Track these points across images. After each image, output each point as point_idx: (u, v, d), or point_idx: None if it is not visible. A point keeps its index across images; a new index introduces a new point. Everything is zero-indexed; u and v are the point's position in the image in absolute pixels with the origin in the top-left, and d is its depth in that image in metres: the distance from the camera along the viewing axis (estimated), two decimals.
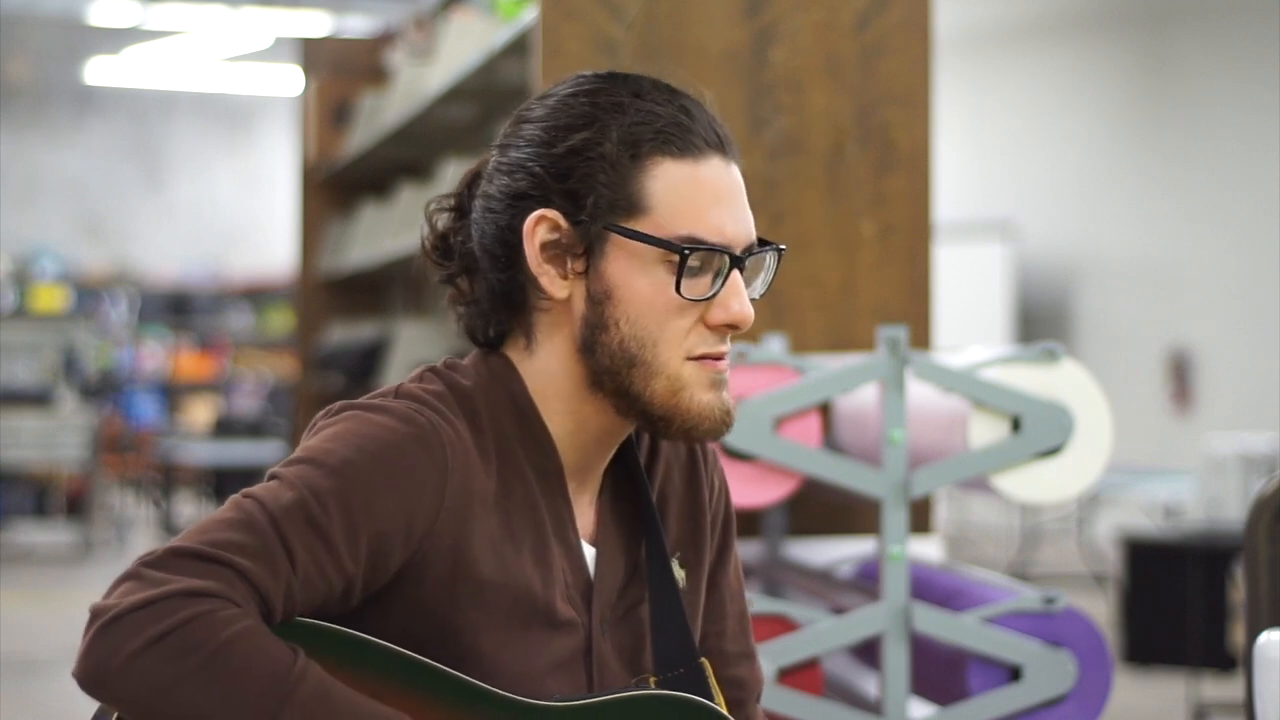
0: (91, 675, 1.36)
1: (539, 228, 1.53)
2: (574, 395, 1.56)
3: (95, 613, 1.38)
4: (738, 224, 1.54)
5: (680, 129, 1.53)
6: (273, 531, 1.41)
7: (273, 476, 1.47)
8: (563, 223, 1.53)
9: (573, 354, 1.55)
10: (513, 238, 1.55)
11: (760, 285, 1.58)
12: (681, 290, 1.51)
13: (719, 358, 1.55)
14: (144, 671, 1.35)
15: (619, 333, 1.52)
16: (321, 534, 1.43)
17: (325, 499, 1.44)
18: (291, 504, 1.43)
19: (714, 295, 1.52)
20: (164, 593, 1.36)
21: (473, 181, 1.63)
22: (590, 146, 1.52)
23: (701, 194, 1.52)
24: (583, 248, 1.53)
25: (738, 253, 1.53)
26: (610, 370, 1.53)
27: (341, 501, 1.44)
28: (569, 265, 1.54)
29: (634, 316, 1.52)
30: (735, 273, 1.53)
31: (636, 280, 1.52)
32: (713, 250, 1.52)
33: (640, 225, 1.52)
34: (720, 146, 1.55)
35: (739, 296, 1.53)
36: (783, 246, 1.60)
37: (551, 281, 1.54)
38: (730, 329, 1.54)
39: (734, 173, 1.56)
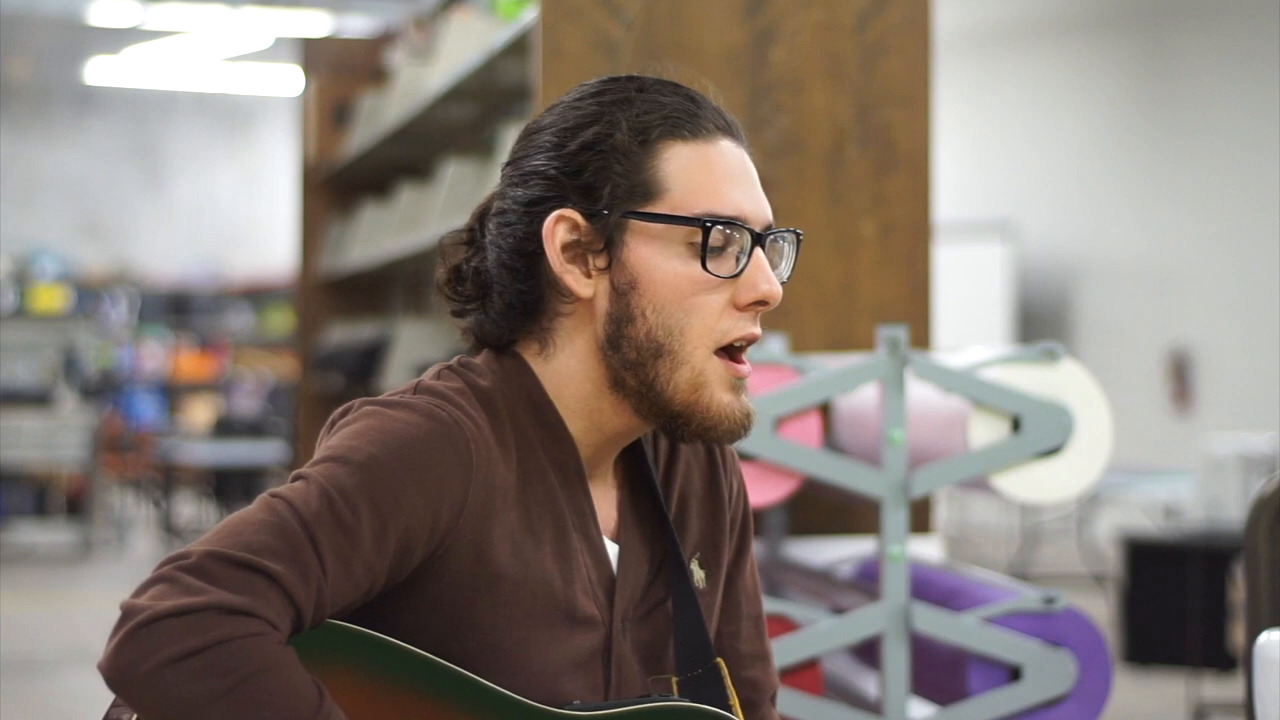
0: (117, 676, 1.36)
1: (558, 228, 1.53)
2: (592, 396, 1.56)
3: (127, 611, 1.37)
4: (754, 202, 1.55)
5: (687, 114, 1.55)
6: (304, 535, 1.41)
7: (299, 476, 1.47)
8: (581, 220, 1.53)
9: (594, 354, 1.55)
10: (531, 246, 1.55)
11: (785, 270, 1.58)
12: (708, 268, 1.51)
13: (749, 341, 1.55)
14: (169, 685, 1.34)
15: (646, 323, 1.52)
16: (350, 535, 1.43)
17: (353, 497, 1.44)
18: (321, 505, 1.42)
19: (740, 272, 1.53)
20: (200, 604, 1.35)
21: (484, 213, 1.63)
22: (601, 140, 1.53)
23: (715, 173, 1.53)
24: (603, 242, 1.53)
25: (757, 230, 1.54)
26: (635, 364, 1.53)
27: (369, 499, 1.44)
28: (591, 263, 1.54)
29: (660, 304, 1.52)
30: (758, 250, 1.54)
31: (660, 265, 1.52)
32: (733, 225, 1.52)
33: (658, 209, 1.52)
34: (729, 130, 1.57)
35: (764, 273, 1.54)
36: (800, 232, 1.60)
37: (576, 281, 1.54)
38: (760, 307, 1.54)
39: (745, 155, 1.57)
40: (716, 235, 1.51)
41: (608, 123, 1.54)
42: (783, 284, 1.57)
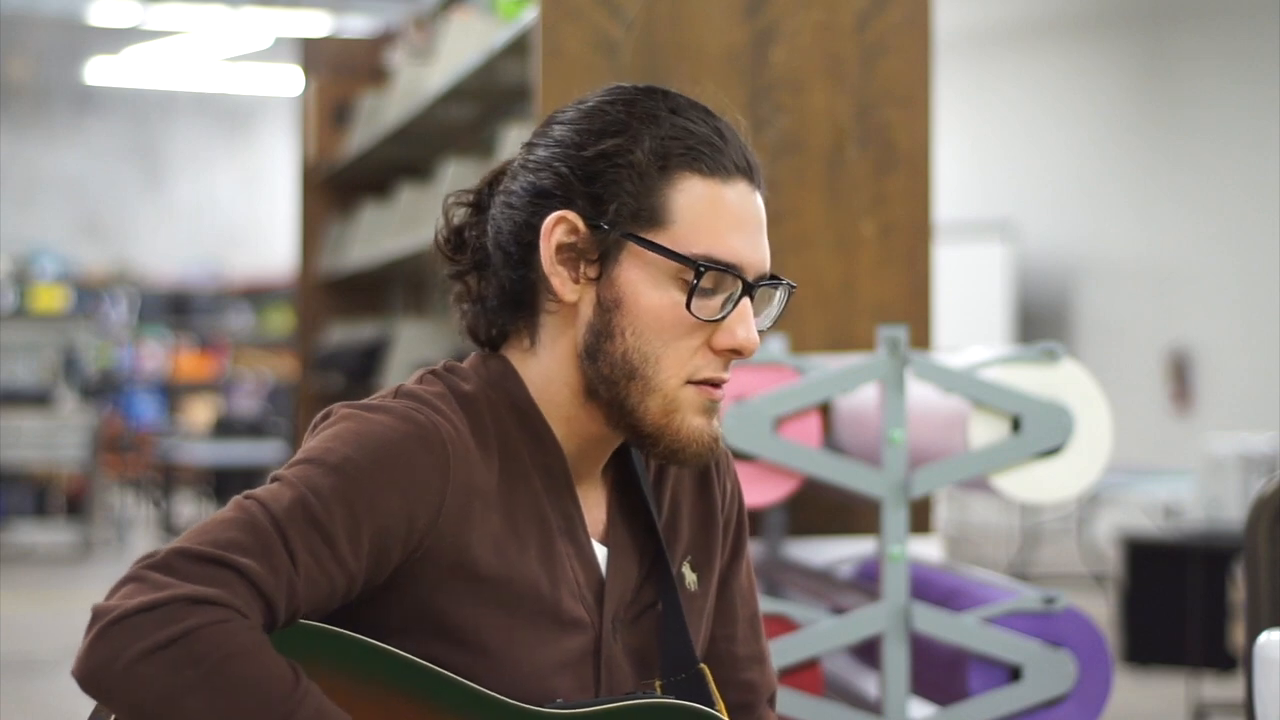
0: (92, 677, 1.36)
1: (557, 228, 1.53)
2: (569, 402, 1.56)
3: (97, 614, 1.37)
4: (755, 251, 1.54)
5: (712, 148, 1.54)
6: (274, 531, 1.41)
7: (274, 479, 1.48)
8: (581, 226, 1.53)
9: (572, 359, 1.55)
10: (529, 236, 1.55)
11: (767, 319, 1.58)
12: (692, 309, 1.51)
13: (719, 384, 1.55)
14: (145, 678, 1.35)
15: (623, 343, 1.52)
16: (323, 532, 1.43)
17: (326, 497, 1.44)
18: (292, 503, 1.43)
19: (722, 318, 1.53)
20: (168, 597, 1.36)
21: (494, 180, 1.63)
22: (620, 153, 1.53)
23: (724, 216, 1.53)
24: (598, 253, 1.53)
25: (750, 279, 1.54)
26: (609, 380, 1.53)
27: (343, 499, 1.44)
28: (582, 270, 1.54)
29: (640, 329, 1.52)
30: (745, 299, 1.54)
31: (648, 292, 1.52)
32: (726, 272, 1.52)
33: (659, 238, 1.52)
34: (749, 173, 1.56)
35: (746, 323, 1.53)
36: (794, 285, 1.60)
37: (563, 284, 1.54)
38: (734, 355, 1.54)
39: (758, 201, 1.56)
40: (708, 279, 1.51)
41: (631, 137, 1.53)
42: (763, 332, 1.57)
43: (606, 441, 1.59)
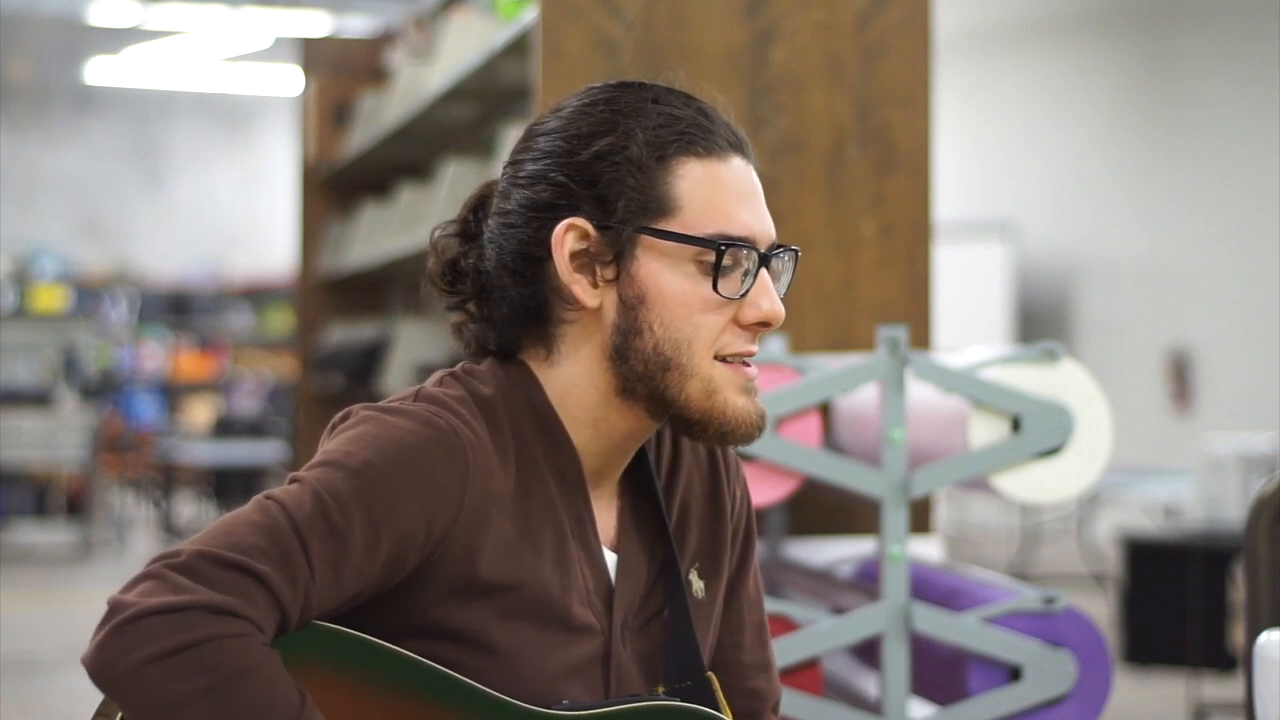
0: (100, 671, 1.36)
1: (568, 236, 1.53)
2: (598, 404, 1.56)
3: (114, 607, 1.37)
4: (762, 222, 1.55)
5: (702, 130, 1.54)
6: (294, 537, 1.41)
7: (294, 480, 1.47)
8: (591, 230, 1.52)
9: (601, 363, 1.55)
10: (537, 250, 1.54)
11: (783, 287, 1.59)
12: (719, 289, 1.52)
13: (749, 357, 1.55)
14: (151, 681, 1.35)
15: (653, 336, 1.52)
16: (342, 540, 1.43)
17: (346, 503, 1.43)
18: (313, 509, 1.42)
19: (746, 293, 1.53)
20: (187, 602, 1.36)
21: (478, 204, 1.62)
22: (616, 151, 1.52)
23: (727, 193, 1.53)
24: (612, 254, 1.53)
25: (764, 250, 1.54)
26: (644, 376, 1.53)
27: (362, 505, 1.44)
28: (599, 273, 1.53)
29: (667, 319, 1.52)
30: (764, 270, 1.54)
31: (669, 281, 1.52)
32: (744, 246, 1.52)
33: (671, 226, 1.52)
34: (740, 147, 1.57)
35: (769, 294, 1.55)
36: (799, 250, 1.60)
37: (583, 290, 1.53)
38: (761, 327, 1.55)
39: (753, 173, 1.57)
40: (726, 256, 1.52)
41: (623, 133, 1.53)
42: (781, 299, 1.57)
43: (635, 439, 1.58)
